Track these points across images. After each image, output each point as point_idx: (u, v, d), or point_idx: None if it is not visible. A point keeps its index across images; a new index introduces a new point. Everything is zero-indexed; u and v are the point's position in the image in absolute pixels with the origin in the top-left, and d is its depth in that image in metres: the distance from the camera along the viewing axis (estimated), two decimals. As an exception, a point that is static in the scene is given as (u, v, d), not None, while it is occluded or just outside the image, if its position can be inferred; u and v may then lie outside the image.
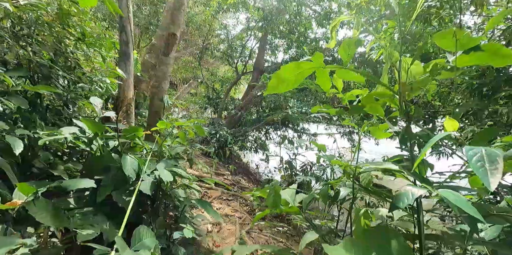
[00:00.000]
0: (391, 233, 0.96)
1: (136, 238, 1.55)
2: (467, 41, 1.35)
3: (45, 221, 1.24)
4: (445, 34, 1.35)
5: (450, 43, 1.37)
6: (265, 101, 8.70)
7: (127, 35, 3.46)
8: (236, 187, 5.39)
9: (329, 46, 1.81)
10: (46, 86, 2.42)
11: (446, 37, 1.36)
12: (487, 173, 0.68)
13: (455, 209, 0.80)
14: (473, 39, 1.34)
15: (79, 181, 1.56)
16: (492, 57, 1.32)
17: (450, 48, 1.38)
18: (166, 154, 2.71)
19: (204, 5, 9.72)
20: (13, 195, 1.34)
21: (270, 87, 1.54)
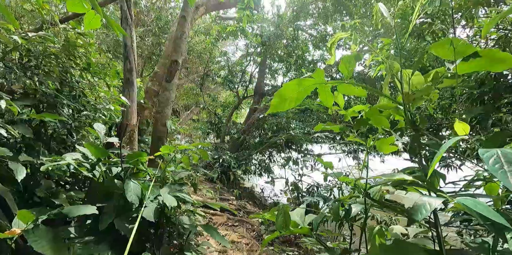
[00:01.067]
0: (411, 248, 0.89)
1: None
2: (464, 49, 1.37)
3: (44, 250, 1.18)
4: (442, 44, 1.37)
5: (447, 52, 1.39)
6: (267, 124, 8.74)
7: (130, 64, 3.57)
8: (242, 212, 5.22)
9: (329, 63, 1.84)
10: (51, 114, 2.44)
11: (443, 47, 1.38)
12: (506, 174, 0.64)
13: (477, 216, 0.74)
14: (470, 46, 1.36)
15: (81, 207, 1.51)
16: (491, 63, 1.33)
17: (448, 57, 1.40)
18: (170, 179, 2.66)
19: (204, 35, 10.15)
20: (13, 223, 1.29)
21: (273, 106, 1.54)
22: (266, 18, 8.28)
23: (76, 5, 1.54)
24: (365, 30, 7.84)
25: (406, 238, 1.56)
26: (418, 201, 0.92)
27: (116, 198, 2.05)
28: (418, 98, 1.34)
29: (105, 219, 1.91)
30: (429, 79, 1.42)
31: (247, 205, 5.92)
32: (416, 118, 1.34)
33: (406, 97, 1.30)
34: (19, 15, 7.15)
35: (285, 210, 1.39)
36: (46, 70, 3.33)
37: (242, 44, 10.87)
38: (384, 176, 1.02)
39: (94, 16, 1.64)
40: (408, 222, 0.87)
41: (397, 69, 1.29)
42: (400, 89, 1.33)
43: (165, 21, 9.73)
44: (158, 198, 1.99)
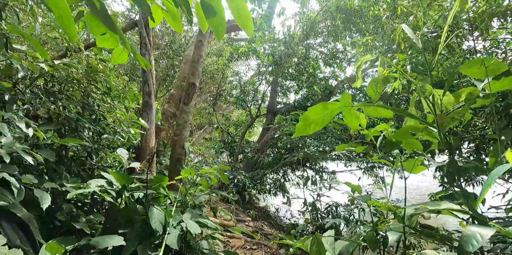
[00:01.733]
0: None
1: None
2: (496, 68, 1.34)
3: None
4: (472, 64, 1.35)
5: (478, 71, 1.36)
6: (280, 142, 8.68)
7: (149, 87, 3.66)
8: (259, 234, 5.06)
9: (355, 85, 1.83)
10: (74, 139, 2.49)
11: (474, 67, 1.35)
12: None
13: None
14: (502, 64, 1.33)
15: (108, 238, 1.49)
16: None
17: (479, 76, 1.37)
18: (189, 202, 2.62)
19: (217, 56, 10.44)
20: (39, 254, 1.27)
21: (298, 129, 1.53)
22: (277, 38, 8.48)
23: (106, 41, 1.60)
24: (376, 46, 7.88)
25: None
26: (467, 231, 0.85)
27: (138, 224, 2.02)
28: (451, 119, 1.30)
29: (128, 246, 1.87)
30: (461, 99, 1.38)
31: (264, 226, 5.75)
32: (450, 140, 1.29)
33: (440, 119, 1.26)
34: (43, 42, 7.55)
35: (319, 239, 1.33)
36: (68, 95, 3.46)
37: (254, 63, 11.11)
38: (429, 205, 0.96)
39: (122, 52, 1.71)
40: (458, 253, 0.81)
41: (430, 92, 1.26)
42: (432, 111, 1.29)
43: (179, 44, 10.09)
44: (181, 224, 1.95)
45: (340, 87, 9.97)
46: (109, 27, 1.03)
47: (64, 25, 1.13)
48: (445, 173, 1.25)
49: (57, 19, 1.09)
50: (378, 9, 9.06)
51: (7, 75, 2.84)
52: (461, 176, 1.27)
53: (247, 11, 1.13)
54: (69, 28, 1.06)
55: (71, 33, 1.09)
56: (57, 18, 1.09)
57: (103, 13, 0.98)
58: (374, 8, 8.82)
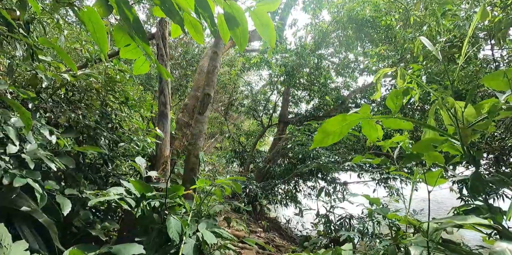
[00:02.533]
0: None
1: None
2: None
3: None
4: (495, 76, 1.34)
5: (501, 83, 1.35)
6: (292, 152, 8.63)
7: (165, 97, 3.75)
8: (271, 245, 4.98)
9: (375, 97, 1.84)
10: (92, 147, 2.56)
11: (497, 79, 1.34)
12: None
13: None
14: (524, 77, 1.31)
15: (129, 246, 1.51)
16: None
17: (501, 88, 1.35)
18: (204, 212, 2.63)
19: (229, 66, 10.62)
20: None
21: (316, 141, 1.53)
22: (289, 49, 8.57)
23: (130, 52, 1.66)
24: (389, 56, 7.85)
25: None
26: (496, 247, 0.83)
27: (155, 232, 2.04)
28: (474, 131, 1.28)
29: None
30: (483, 111, 1.36)
31: (275, 237, 5.67)
32: (474, 153, 1.26)
33: (463, 131, 1.24)
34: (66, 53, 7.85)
35: (339, 253, 1.30)
36: (87, 104, 3.57)
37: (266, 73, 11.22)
38: (456, 219, 0.94)
39: (144, 62, 1.77)
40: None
41: (452, 104, 1.25)
42: (454, 123, 1.28)
43: (192, 55, 10.34)
44: (197, 234, 1.95)
45: (352, 97, 9.92)
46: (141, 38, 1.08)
47: (96, 38, 1.19)
48: (470, 187, 1.23)
49: (91, 32, 1.16)
50: (390, 19, 9.08)
51: (31, 85, 2.96)
52: (485, 189, 1.24)
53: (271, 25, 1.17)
54: (102, 40, 1.12)
55: (104, 45, 1.15)
56: (90, 31, 1.16)
57: (136, 25, 1.03)
58: (386, 18, 8.85)
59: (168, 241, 2.13)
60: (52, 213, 2.07)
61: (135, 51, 1.67)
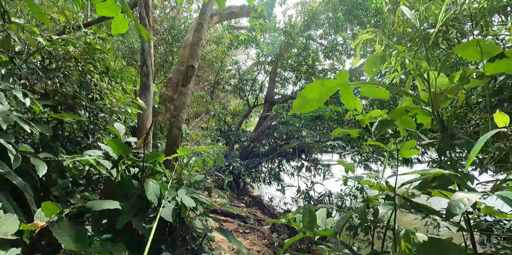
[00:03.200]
0: (448, 245, 0.86)
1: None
2: (490, 50, 1.36)
3: (67, 244, 1.18)
4: (468, 45, 1.37)
5: (473, 53, 1.38)
6: (277, 132, 8.72)
7: (148, 68, 3.64)
8: (253, 220, 5.15)
9: (354, 63, 1.85)
10: (71, 114, 2.49)
11: (470, 48, 1.37)
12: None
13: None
14: (496, 47, 1.35)
15: (104, 202, 1.52)
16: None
17: (474, 58, 1.39)
18: (185, 181, 2.66)
19: (216, 44, 10.34)
20: (35, 217, 1.30)
21: (295, 106, 1.54)
22: (278, 27, 8.40)
23: (107, 9, 1.58)
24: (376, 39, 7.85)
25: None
26: (455, 196, 0.89)
27: (133, 198, 2.05)
28: (445, 98, 1.33)
29: (122, 218, 1.91)
30: (456, 80, 1.40)
31: (257, 212, 5.84)
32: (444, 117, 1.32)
33: (434, 97, 1.29)
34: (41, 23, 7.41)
35: (311, 210, 1.37)
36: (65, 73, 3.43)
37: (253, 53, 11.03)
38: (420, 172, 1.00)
39: (123, 20, 1.69)
40: (446, 216, 0.85)
41: (425, 68, 1.28)
42: (426, 88, 1.32)
43: (178, 30, 9.96)
44: (176, 198, 1.98)
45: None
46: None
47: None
48: (437, 149, 1.29)
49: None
50: (380, 2, 8.99)
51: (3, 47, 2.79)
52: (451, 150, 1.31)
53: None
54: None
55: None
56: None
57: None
58: (377, 1, 8.75)
59: (148, 207, 2.16)
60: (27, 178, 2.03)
61: (113, 7, 1.59)
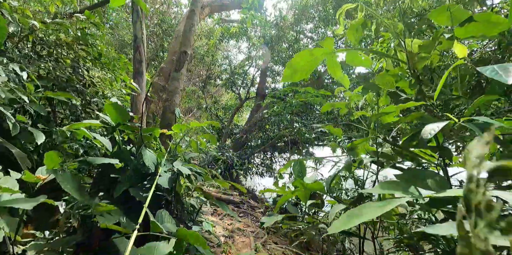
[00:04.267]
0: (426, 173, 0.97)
1: (158, 220, 1.53)
2: (461, 14, 1.48)
3: (71, 192, 1.25)
4: (440, 10, 1.49)
5: (445, 19, 1.51)
6: (269, 125, 8.84)
7: (140, 55, 3.69)
8: (246, 206, 5.25)
9: (337, 32, 1.96)
10: (65, 93, 2.53)
11: (442, 13, 1.50)
12: (500, 73, 0.74)
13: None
14: (466, 12, 1.48)
15: (104, 158, 1.59)
16: (485, 26, 1.43)
17: (446, 23, 1.51)
18: (180, 158, 2.73)
19: (207, 38, 10.38)
20: (36, 172, 1.36)
21: (285, 76, 1.64)
22: (269, 20, 8.50)
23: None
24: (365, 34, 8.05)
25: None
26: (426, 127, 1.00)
27: (130, 170, 2.12)
28: (420, 57, 1.45)
29: (119, 187, 1.98)
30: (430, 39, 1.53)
31: (250, 201, 5.95)
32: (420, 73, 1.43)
33: (410, 55, 1.41)
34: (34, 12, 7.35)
35: (301, 161, 1.47)
36: (57, 60, 3.46)
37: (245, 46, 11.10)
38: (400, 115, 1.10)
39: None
40: (420, 143, 0.96)
41: (401, 28, 1.40)
42: (403, 48, 1.43)
43: (169, 25, 9.97)
44: (173, 167, 2.06)
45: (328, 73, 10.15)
46: None
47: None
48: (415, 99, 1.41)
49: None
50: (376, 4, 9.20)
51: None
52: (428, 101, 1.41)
53: None
54: None
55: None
56: None
57: None
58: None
59: (143, 179, 2.24)
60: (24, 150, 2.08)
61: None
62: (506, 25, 1.40)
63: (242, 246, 3.23)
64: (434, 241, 1.47)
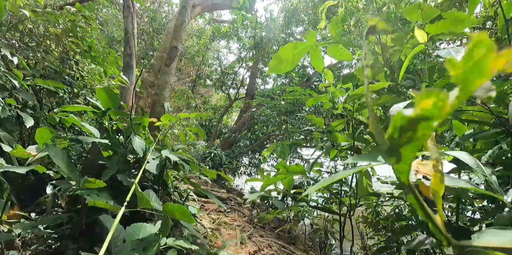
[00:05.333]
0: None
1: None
2: (431, 12, 1.62)
3: (62, 166, 1.30)
4: (412, 8, 1.62)
5: (418, 16, 1.64)
6: (258, 126, 8.94)
7: (131, 49, 3.72)
8: (233, 202, 5.30)
9: (320, 26, 2.08)
10: (54, 81, 2.54)
11: (414, 11, 1.63)
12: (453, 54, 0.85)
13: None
14: (435, 10, 1.62)
15: (94, 138, 1.64)
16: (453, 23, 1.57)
17: (417, 18, 1.64)
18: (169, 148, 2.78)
19: (197, 37, 10.43)
20: (27, 149, 1.40)
21: (271, 67, 1.73)
22: (259, 21, 8.65)
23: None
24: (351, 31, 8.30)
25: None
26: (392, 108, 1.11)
27: (118, 156, 2.16)
28: (394, 50, 1.57)
29: (107, 172, 2.01)
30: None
31: (237, 197, 6.00)
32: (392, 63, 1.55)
33: (383, 47, 1.52)
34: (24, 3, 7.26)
35: (283, 143, 1.56)
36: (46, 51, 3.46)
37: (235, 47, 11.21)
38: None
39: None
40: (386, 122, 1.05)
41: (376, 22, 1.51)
42: (378, 41, 1.55)
43: (160, 23, 9.97)
44: (161, 153, 2.11)
45: (318, 75, 10.36)
46: None
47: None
48: (388, 89, 1.52)
49: None
50: (356, 1, 9.50)
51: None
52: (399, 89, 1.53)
53: None
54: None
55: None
56: None
57: None
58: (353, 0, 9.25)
59: (131, 166, 2.28)
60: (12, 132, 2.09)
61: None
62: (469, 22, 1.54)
63: (228, 238, 3.29)
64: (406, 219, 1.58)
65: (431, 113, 0.19)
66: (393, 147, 0.21)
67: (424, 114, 0.19)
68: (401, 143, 0.20)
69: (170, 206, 1.36)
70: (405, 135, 0.20)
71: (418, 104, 0.19)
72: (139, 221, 1.84)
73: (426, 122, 0.19)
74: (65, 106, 1.75)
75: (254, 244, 3.20)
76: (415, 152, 0.21)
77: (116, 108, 1.90)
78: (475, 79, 0.20)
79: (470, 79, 0.20)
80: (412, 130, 0.20)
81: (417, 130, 0.20)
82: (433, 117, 0.19)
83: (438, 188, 0.29)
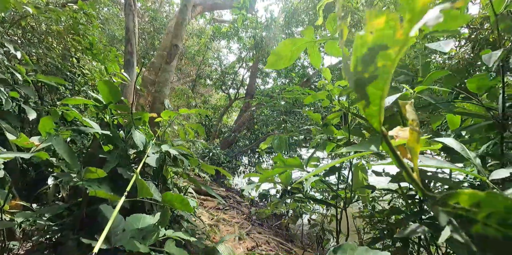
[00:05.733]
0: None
1: (145, 191, 1.60)
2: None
3: (64, 155, 1.33)
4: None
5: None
6: (257, 125, 8.97)
7: (132, 47, 3.76)
8: (232, 200, 5.33)
9: (317, 23, 2.11)
10: (56, 77, 2.57)
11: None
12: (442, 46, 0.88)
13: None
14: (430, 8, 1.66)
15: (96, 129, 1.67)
16: (447, 21, 1.61)
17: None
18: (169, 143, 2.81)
19: (198, 37, 10.48)
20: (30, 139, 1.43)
21: (269, 63, 1.77)
22: (260, 21, 8.69)
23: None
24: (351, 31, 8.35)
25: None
26: (386, 98, 1.15)
27: (118, 151, 2.19)
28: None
29: (108, 165, 2.04)
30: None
31: (236, 196, 6.02)
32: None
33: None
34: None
35: (281, 137, 1.59)
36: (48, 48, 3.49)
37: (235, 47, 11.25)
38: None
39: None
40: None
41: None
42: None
43: (160, 23, 10.02)
44: (161, 147, 2.14)
45: (317, 75, 10.40)
46: None
47: None
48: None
49: None
50: (356, 2, 9.58)
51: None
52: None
53: None
54: None
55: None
56: None
57: None
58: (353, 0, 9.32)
59: (132, 161, 2.31)
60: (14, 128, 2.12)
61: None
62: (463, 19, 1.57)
63: (227, 234, 3.31)
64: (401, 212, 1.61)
65: (386, 37, 0.22)
66: (360, 84, 0.24)
67: (379, 39, 0.22)
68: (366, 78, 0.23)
69: (169, 195, 1.39)
70: (368, 68, 0.23)
71: (370, 22, 0.23)
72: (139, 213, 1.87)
73: (384, 51, 0.23)
74: (67, 99, 1.78)
75: (252, 240, 3.23)
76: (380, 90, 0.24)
77: (117, 102, 1.93)
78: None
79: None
80: (372, 61, 0.23)
81: (377, 61, 0.23)
82: (389, 44, 0.22)
83: (414, 145, 0.32)
